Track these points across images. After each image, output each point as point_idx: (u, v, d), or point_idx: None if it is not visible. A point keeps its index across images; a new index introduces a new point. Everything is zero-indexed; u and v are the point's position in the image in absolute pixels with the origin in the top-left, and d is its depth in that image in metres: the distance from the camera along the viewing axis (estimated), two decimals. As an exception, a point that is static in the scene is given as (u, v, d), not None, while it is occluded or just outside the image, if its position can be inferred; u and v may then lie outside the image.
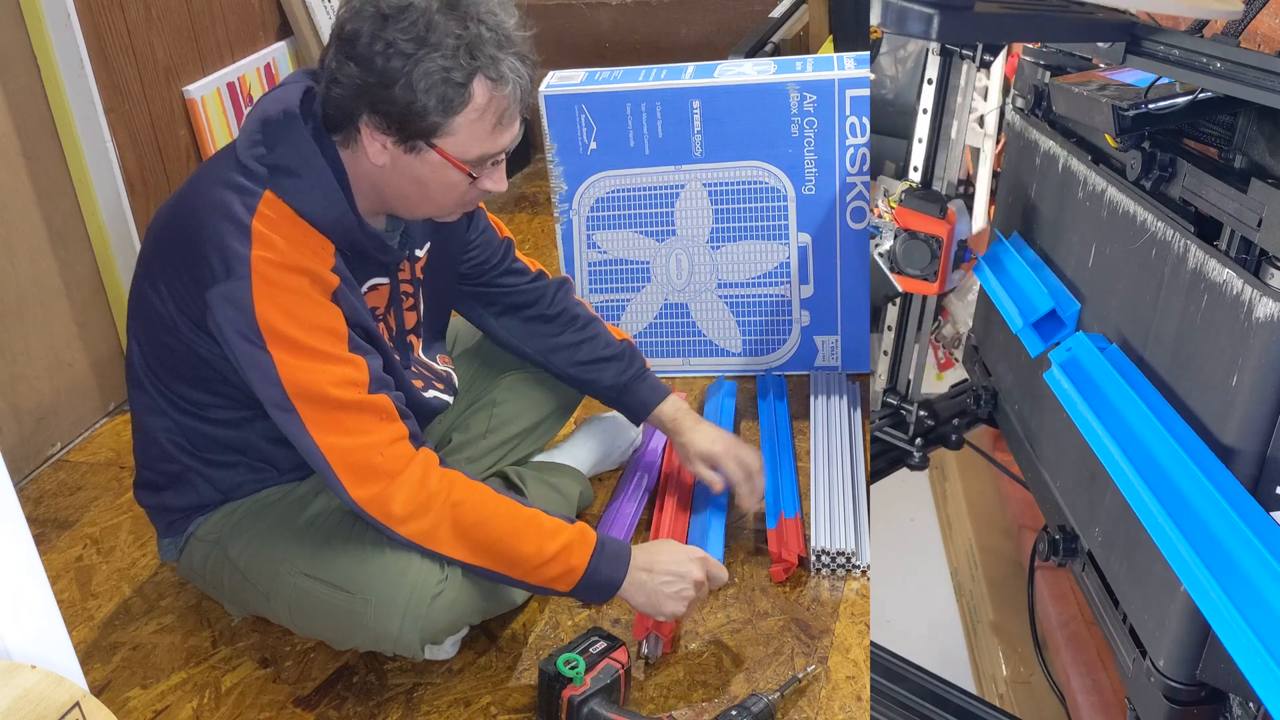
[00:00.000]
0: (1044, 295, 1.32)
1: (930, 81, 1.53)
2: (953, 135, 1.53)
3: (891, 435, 1.72)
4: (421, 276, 1.50)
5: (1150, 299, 1.11)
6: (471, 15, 1.20)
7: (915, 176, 1.57)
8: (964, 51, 1.49)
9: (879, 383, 1.76)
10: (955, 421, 1.71)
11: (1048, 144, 1.39)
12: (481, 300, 1.66)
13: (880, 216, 1.54)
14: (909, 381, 1.72)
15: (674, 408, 1.66)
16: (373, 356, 1.32)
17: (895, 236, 1.51)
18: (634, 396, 1.67)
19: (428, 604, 1.34)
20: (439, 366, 1.58)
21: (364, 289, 1.38)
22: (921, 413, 1.69)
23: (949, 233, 1.47)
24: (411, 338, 1.52)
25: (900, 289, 1.55)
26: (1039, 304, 1.32)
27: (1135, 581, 1.12)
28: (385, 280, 1.42)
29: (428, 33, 1.18)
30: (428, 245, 1.49)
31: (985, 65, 1.48)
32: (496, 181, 1.32)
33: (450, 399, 1.56)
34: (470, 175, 1.28)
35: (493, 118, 1.24)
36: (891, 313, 1.71)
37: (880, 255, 1.52)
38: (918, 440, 1.69)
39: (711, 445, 1.61)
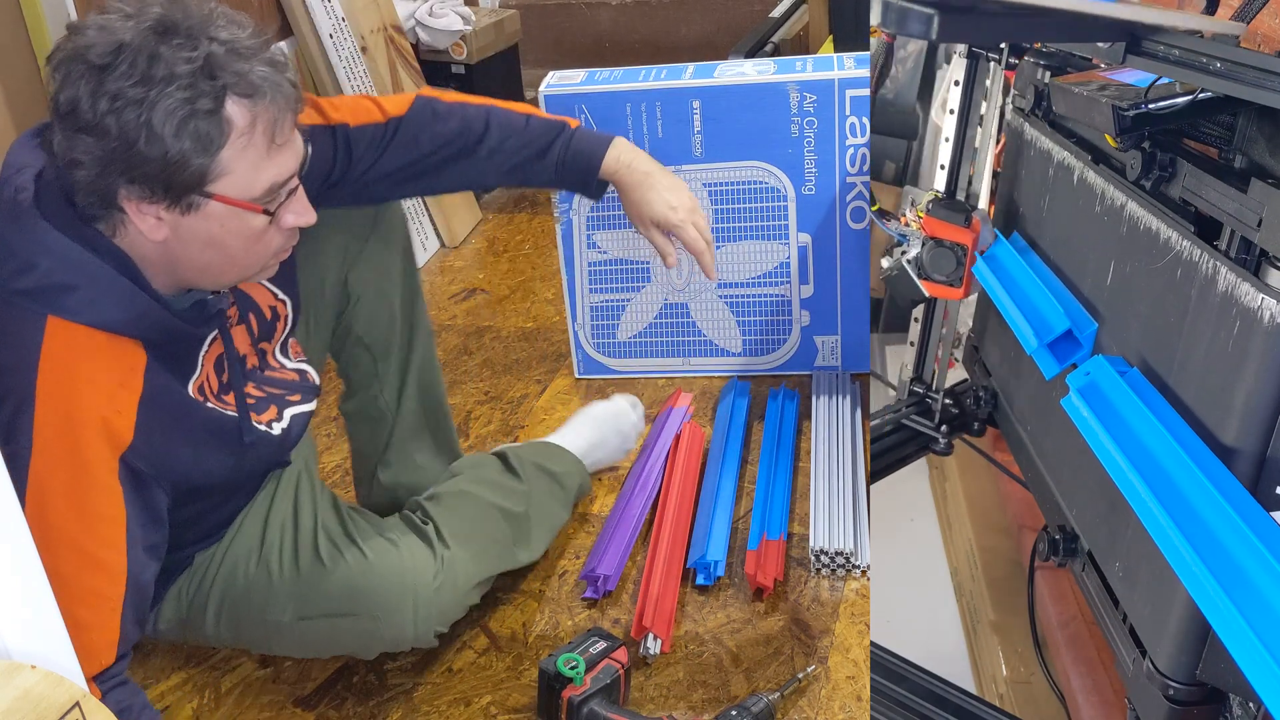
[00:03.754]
0: (1059, 314, 1.29)
1: (957, 83, 1.55)
2: (977, 144, 1.57)
3: (918, 422, 1.76)
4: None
5: (1175, 322, 1.07)
6: (196, 34, 1.03)
7: (940, 184, 1.61)
8: (990, 55, 1.50)
9: (905, 373, 1.79)
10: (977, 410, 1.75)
11: (1061, 154, 1.37)
12: (346, 198, 1.43)
13: (907, 225, 1.59)
14: (934, 372, 1.76)
15: (618, 160, 1.46)
16: (146, 559, 1.12)
17: (922, 244, 1.56)
18: (571, 169, 1.45)
19: (433, 595, 1.33)
20: (290, 366, 1.39)
21: (203, 350, 1.21)
22: (946, 401, 1.73)
23: (974, 241, 1.52)
24: (263, 345, 1.34)
25: (927, 294, 1.60)
26: (1054, 323, 1.29)
27: (1157, 617, 1.10)
28: (215, 331, 1.23)
29: (152, 67, 1.00)
30: None
31: (1011, 67, 1.51)
32: (300, 213, 1.14)
33: (312, 405, 1.39)
34: (266, 213, 1.10)
35: (264, 139, 1.06)
36: (918, 307, 1.76)
37: (908, 262, 1.58)
38: (943, 427, 1.73)
39: (669, 212, 1.45)
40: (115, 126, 1.00)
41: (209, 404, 1.22)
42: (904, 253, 1.58)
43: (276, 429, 1.32)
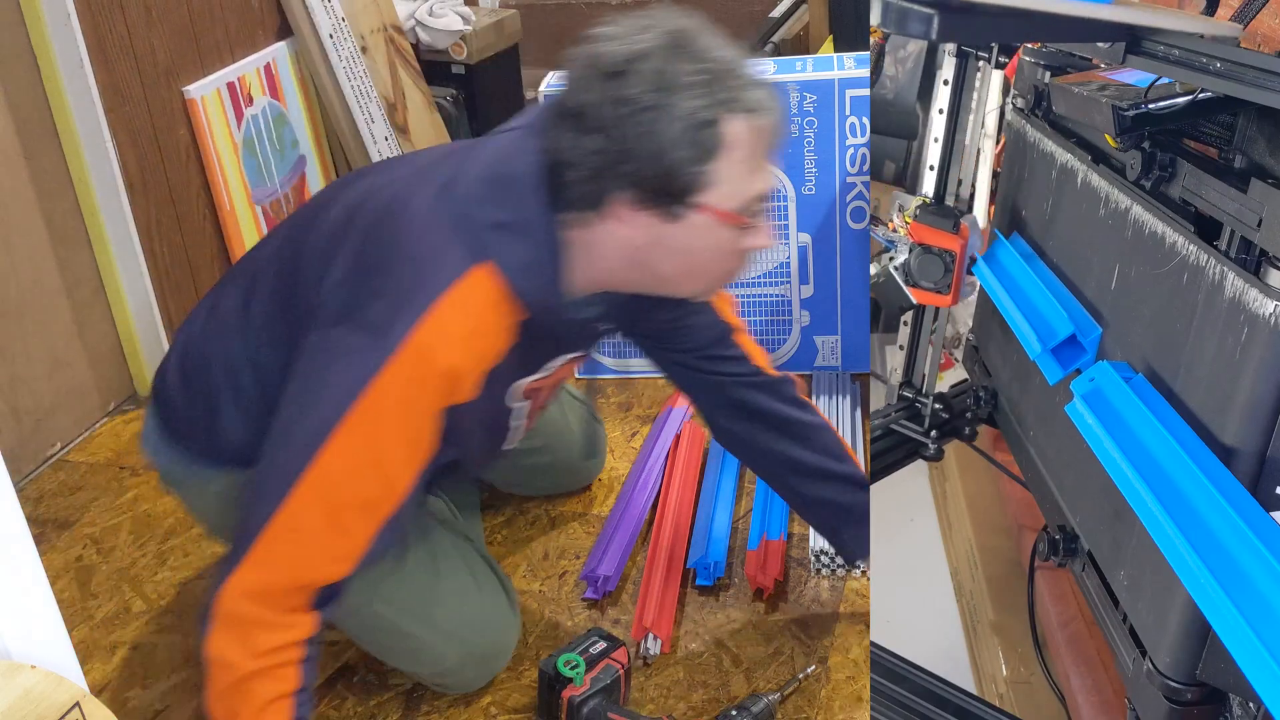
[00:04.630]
0: (1063, 318, 1.28)
1: (946, 83, 1.54)
2: (966, 143, 1.56)
3: (908, 428, 1.74)
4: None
5: (1181, 327, 1.05)
6: (703, 49, 1.07)
7: (928, 189, 1.59)
8: (980, 54, 1.49)
9: (895, 377, 1.77)
10: (968, 415, 1.73)
11: (1065, 157, 1.37)
12: (689, 374, 1.47)
13: (895, 231, 1.58)
14: (924, 376, 1.75)
15: None
16: (415, 498, 1.17)
17: (910, 250, 1.54)
18: (862, 526, 1.46)
19: (505, 657, 1.42)
20: (517, 405, 1.35)
21: (554, 360, 1.29)
22: (936, 405, 1.72)
23: (962, 247, 1.51)
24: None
25: (914, 301, 1.58)
26: (1058, 328, 1.27)
27: (1157, 617, 1.09)
28: (579, 353, 1.34)
29: (662, 77, 1.04)
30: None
31: (1000, 66, 1.50)
32: (763, 236, 1.16)
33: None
34: (743, 227, 1.12)
35: (753, 155, 1.09)
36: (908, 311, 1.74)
37: (895, 269, 1.55)
38: (933, 432, 1.72)
39: None
40: (622, 131, 1.04)
41: (514, 404, 1.28)
42: (891, 259, 1.55)
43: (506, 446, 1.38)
